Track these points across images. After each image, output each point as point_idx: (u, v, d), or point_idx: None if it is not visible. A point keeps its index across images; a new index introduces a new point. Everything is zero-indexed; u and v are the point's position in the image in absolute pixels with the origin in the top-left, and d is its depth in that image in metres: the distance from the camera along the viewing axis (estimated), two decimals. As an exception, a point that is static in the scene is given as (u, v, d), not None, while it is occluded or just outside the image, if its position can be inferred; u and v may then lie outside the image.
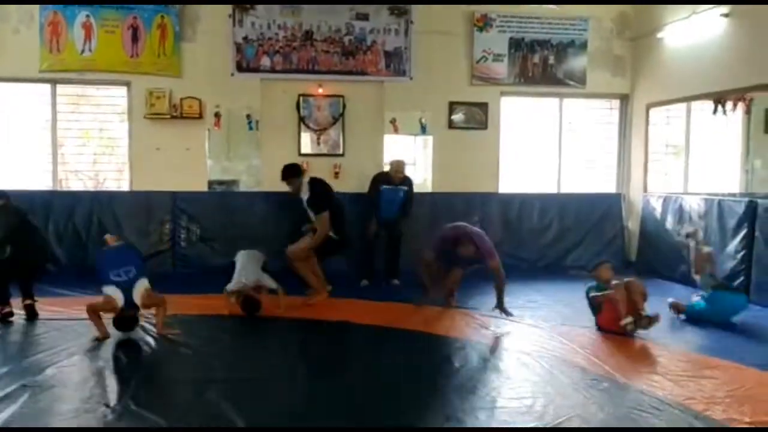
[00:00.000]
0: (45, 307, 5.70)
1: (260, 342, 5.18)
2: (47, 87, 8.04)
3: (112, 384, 3.88)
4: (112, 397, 3.66)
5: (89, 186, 8.47)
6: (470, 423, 3.48)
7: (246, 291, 5.76)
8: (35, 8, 7.80)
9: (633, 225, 8.89)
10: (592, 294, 5.48)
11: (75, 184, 8.45)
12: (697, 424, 3.37)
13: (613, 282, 5.35)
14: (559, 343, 4.95)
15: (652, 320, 5.15)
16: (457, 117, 8.74)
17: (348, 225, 6.77)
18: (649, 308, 5.20)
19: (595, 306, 5.43)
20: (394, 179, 7.54)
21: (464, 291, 6.54)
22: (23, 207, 6.13)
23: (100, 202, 8.04)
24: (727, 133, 8.35)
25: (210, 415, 3.44)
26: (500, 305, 5.73)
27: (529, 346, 4.87)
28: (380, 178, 7.64)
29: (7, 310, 5.45)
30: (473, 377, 4.21)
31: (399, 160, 7.81)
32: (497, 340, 5.11)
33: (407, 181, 7.69)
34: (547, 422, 3.41)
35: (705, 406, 3.61)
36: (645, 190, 8.67)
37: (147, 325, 5.18)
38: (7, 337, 5.09)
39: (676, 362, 4.54)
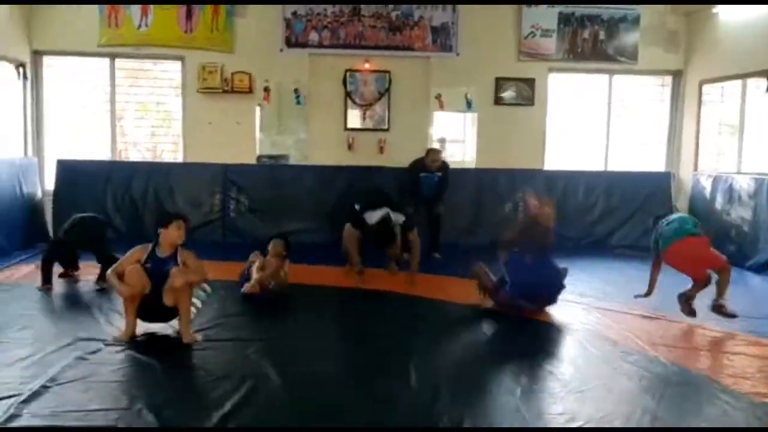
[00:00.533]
0: (95, 270, 6.04)
1: (300, 308, 5.35)
2: (106, 61, 8.40)
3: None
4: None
5: (147, 157, 8.84)
6: (494, 385, 3.58)
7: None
8: (96, -16, 8.13)
9: (682, 204, 8.73)
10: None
11: (133, 156, 8.84)
12: (724, 398, 3.39)
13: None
14: (595, 318, 4.97)
15: (727, 313, 4.71)
16: (507, 94, 8.72)
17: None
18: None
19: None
20: (430, 167, 7.48)
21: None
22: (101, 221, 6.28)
23: (155, 173, 8.39)
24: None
25: (250, 368, 3.65)
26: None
27: (565, 319, 4.93)
28: (417, 166, 7.58)
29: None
30: (504, 345, 4.30)
31: (436, 148, 7.81)
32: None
33: (443, 167, 7.62)
34: (572, 389, 3.48)
35: (733, 380, 3.62)
36: (695, 169, 8.50)
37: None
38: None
39: (709, 338, 4.53)
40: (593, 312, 5.16)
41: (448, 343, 4.38)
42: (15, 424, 2.89)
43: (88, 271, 5.84)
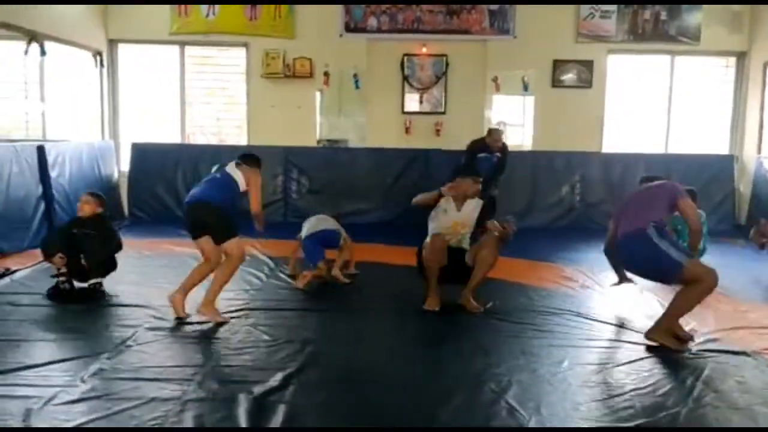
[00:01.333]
0: (166, 246, 6.45)
1: (357, 282, 5.57)
2: (176, 48, 8.83)
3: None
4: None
5: (211, 141, 9.26)
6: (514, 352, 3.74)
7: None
8: (166, -24, 8.54)
9: (745, 188, 8.55)
10: None
11: (200, 139, 9.27)
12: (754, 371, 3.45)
13: None
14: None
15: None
16: (565, 76, 8.71)
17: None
18: None
19: None
20: (492, 147, 7.45)
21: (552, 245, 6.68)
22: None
23: (222, 155, 8.71)
24: None
25: (312, 335, 3.92)
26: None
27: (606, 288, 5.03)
28: (476, 147, 7.53)
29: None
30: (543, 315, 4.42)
31: (497, 128, 7.78)
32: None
33: (503, 149, 7.60)
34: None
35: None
36: (759, 152, 8.31)
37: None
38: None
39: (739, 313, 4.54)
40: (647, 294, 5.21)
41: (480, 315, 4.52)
42: (101, 378, 3.23)
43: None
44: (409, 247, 5.00)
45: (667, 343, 3.80)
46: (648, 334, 3.90)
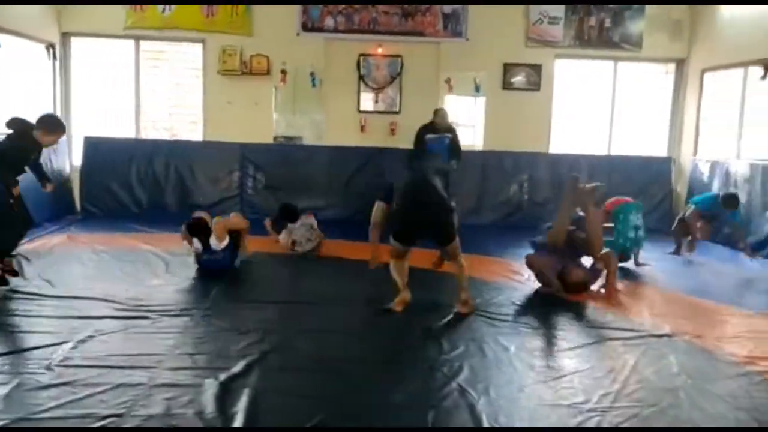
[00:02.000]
0: (127, 241, 6.51)
1: (315, 275, 5.75)
2: (131, 44, 8.79)
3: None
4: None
5: (164, 136, 9.24)
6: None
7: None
8: (121, -31, 8.49)
9: (681, 188, 9.05)
10: None
11: (154, 134, 9.23)
12: (700, 361, 3.76)
13: None
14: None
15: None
16: (515, 79, 9.03)
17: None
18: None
19: None
20: (439, 127, 7.74)
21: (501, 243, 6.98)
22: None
23: (176, 150, 8.81)
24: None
25: (272, 325, 4.06)
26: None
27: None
28: (424, 129, 7.82)
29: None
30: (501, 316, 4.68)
31: (442, 108, 8.05)
32: None
33: (451, 129, 7.91)
34: (563, 348, 3.89)
35: (715, 345, 4.01)
36: (695, 154, 8.81)
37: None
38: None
39: (695, 307, 4.91)
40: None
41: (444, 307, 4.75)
42: (69, 365, 3.31)
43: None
44: (365, 242, 5.17)
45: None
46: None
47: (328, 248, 6.56)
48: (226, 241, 5.42)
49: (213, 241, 5.39)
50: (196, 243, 5.45)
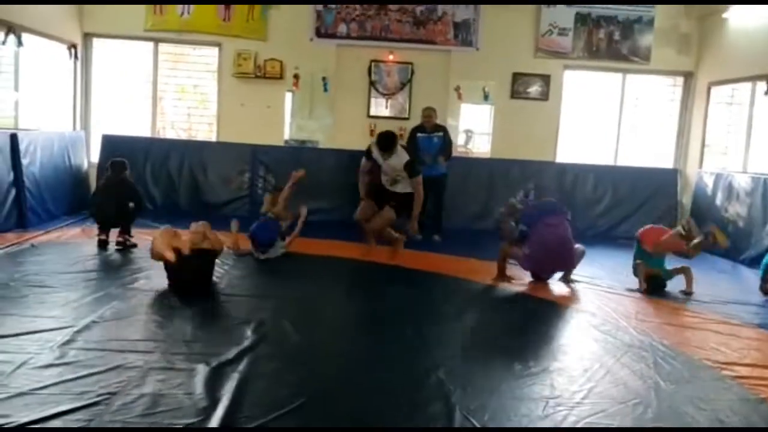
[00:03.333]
0: (141, 236, 6.73)
1: (313, 274, 5.94)
2: (150, 45, 9.07)
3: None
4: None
5: (182, 136, 9.51)
6: (471, 355, 4.12)
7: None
8: (143, -27, 8.78)
9: (687, 200, 9.11)
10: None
11: (170, 134, 9.50)
12: (676, 364, 3.87)
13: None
14: (583, 295, 5.48)
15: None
16: (523, 88, 9.15)
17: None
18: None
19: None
20: (426, 127, 7.95)
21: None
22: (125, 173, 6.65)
23: (190, 150, 9.06)
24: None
25: (267, 316, 4.25)
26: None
27: (554, 295, 5.46)
28: (415, 130, 8.08)
29: (103, 237, 6.33)
30: (485, 316, 4.83)
31: (429, 106, 8.14)
32: None
33: (442, 129, 8.09)
34: (542, 346, 4.02)
35: (690, 348, 4.11)
36: (700, 167, 8.87)
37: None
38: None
39: (683, 316, 5.00)
40: (583, 290, 5.66)
41: (431, 309, 4.91)
42: (71, 348, 3.52)
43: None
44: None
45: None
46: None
47: (330, 249, 6.74)
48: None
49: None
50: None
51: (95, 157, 8.96)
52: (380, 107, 9.20)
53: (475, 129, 9.36)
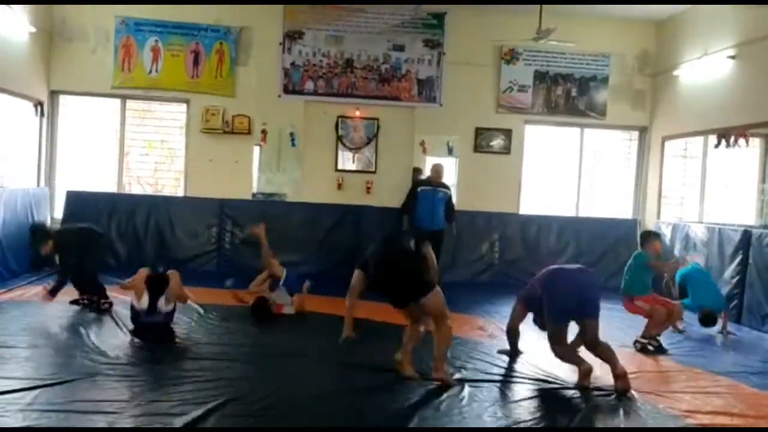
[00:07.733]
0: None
1: (286, 328, 5.92)
2: (117, 102, 9.13)
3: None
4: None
5: (148, 191, 9.48)
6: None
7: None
8: (111, 31, 8.88)
9: (647, 250, 9.35)
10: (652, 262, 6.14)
11: (136, 189, 9.47)
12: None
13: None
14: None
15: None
16: (486, 143, 9.42)
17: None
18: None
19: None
20: (433, 181, 8.14)
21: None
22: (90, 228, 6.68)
23: (157, 205, 9.03)
24: (744, 165, 8.71)
25: (235, 376, 4.22)
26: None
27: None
28: (419, 183, 8.30)
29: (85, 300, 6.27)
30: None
31: (439, 163, 8.34)
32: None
33: (446, 186, 8.29)
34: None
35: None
36: (658, 217, 9.17)
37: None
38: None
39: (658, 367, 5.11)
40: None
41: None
42: (34, 410, 3.44)
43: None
44: (339, 298, 5.34)
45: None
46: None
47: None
48: (172, 305, 5.15)
49: (161, 302, 5.05)
50: (144, 300, 5.02)
51: (59, 213, 8.86)
52: (347, 161, 9.35)
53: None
